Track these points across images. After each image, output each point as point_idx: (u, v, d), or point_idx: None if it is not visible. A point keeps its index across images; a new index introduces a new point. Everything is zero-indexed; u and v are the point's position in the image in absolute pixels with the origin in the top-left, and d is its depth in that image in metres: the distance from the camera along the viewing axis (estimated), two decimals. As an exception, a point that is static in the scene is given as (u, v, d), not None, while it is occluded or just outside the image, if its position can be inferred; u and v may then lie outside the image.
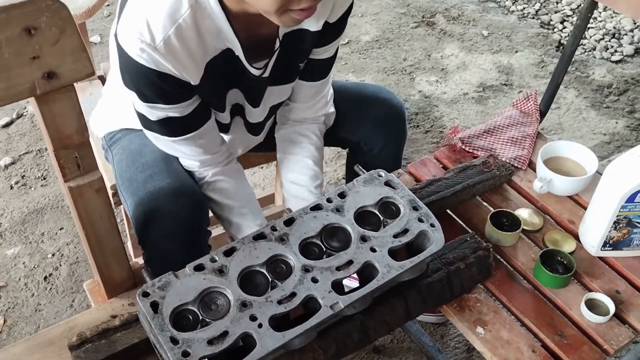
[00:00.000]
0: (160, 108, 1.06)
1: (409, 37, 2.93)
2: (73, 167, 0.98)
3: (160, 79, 1.00)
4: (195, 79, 1.05)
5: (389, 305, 1.04)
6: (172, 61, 0.99)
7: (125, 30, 0.98)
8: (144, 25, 0.95)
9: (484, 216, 1.25)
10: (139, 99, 1.05)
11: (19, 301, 1.79)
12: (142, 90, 1.03)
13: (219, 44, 1.04)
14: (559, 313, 1.11)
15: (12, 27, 0.81)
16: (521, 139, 1.45)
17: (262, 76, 1.13)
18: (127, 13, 0.99)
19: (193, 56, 1.01)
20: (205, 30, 1.00)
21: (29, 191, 2.13)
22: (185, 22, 0.97)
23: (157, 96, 1.04)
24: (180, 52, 0.99)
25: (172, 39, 0.97)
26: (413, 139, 2.36)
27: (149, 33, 0.96)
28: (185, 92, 1.06)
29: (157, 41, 0.96)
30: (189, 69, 1.02)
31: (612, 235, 1.16)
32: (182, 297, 0.91)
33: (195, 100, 1.10)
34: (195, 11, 0.98)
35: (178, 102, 1.06)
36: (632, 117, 2.48)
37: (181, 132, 1.12)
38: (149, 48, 0.96)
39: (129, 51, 0.98)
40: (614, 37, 2.93)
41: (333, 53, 1.25)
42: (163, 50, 0.97)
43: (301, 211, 1.05)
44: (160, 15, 0.96)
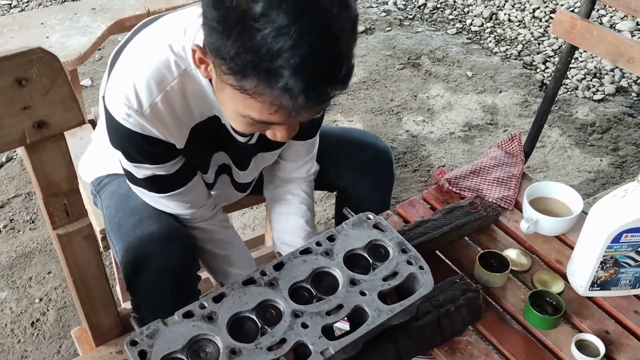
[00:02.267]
0: (146, 167, 1.07)
1: (396, 78, 2.98)
2: (62, 214, 0.98)
3: (146, 142, 1.01)
4: (180, 143, 1.06)
5: (380, 350, 1.04)
6: (158, 126, 1.00)
7: (113, 93, 0.99)
8: (131, 90, 0.97)
9: (472, 257, 1.26)
10: (126, 159, 1.06)
11: (4, 347, 1.76)
12: (128, 151, 1.04)
13: (206, 110, 1.06)
14: (550, 355, 1.10)
15: (4, 78, 0.82)
16: (507, 180, 1.47)
17: (248, 143, 1.14)
18: (115, 76, 1.00)
19: (179, 121, 1.03)
20: (192, 96, 1.02)
21: (17, 235, 2.11)
22: (173, 89, 0.99)
23: (143, 157, 1.05)
24: (166, 117, 1.00)
25: (159, 106, 0.98)
26: (401, 178, 2.38)
27: (136, 99, 0.97)
28: (170, 153, 1.07)
29: (144, 107, 0.97)
30: (174, 134, 1.04)
31: (599, 275, 1.17)
32: (171, 345, 0.90)
33: (180, 159, 1.11)
34: (183, 79, 0.99)
35: (164, 161, 1.07)
36: (616, 155, 2.53)
37: (168, 189, 1.13)
38: (135, 114, 0.97)
39: (115, 115, 0.99)
40: (596, 77, 3.00)
41: (321, 113, 1.24)
42: (149, 116, 0.98)
43: (290, 255, 1.06)
44: (148, 81, 0.97)
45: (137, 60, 0.99)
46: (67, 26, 1.81)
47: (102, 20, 1.84)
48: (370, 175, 1.37)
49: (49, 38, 1.76)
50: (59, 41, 1.75)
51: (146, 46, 1.01)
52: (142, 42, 1.02)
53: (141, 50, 1.00)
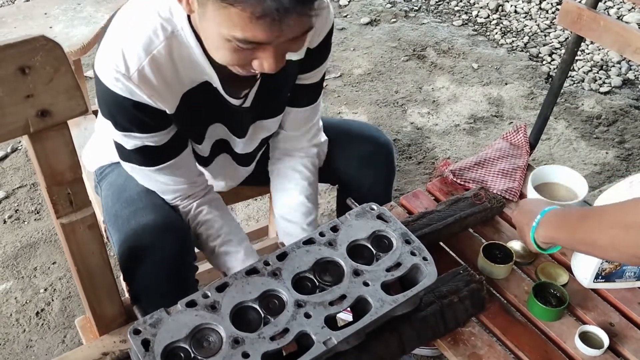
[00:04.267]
0: (135, 137, 1.06)
1: (401, 70, 2.97)
2: (65, 203, 0.98)
3: (135, 108, 1.01)
4: (171, 108, 1.05)
5: (383, 340, 1.04)
6: (147, 90, 1.00)
7: (102, 60, 1.00)
8: (119, 55, 0.98)
9: (476, 248, 1.25)
10: (115, 128, 1.06)
11: (10, 337, 1.77)
12: (118, 119, 1.04)
13: (196, 76, 1.05)
14: (554, 346, 1.10)
15: (7, 66, 0.82)
16: (512, 171, 1.46)
17: (242, 106, 1.13)
18: (104, 44, 1.01)
19: (168, 86, 1.03)
20: (180, 61, 1.02)
21: (22, 225, 2.12)
22: (160, 53, 0.99)
23: (132, 125, 1.04)
24: (154, 82, 1.00)
25: (146, 69, 0.99)
26: (406, 170, 2.38)
27: (124, 63, 0.98)
28: (160, 121, 1.06)
29: (132, 71, 0.98)
30: (164, 98, 1.03)
31: (604, 267, 1.17)
32: (174, 334, 0.90)
33: (172, 129, 1.10)
34: (170, 43, 0.99)
35: (153, 130, 1.07)
36: (622, 148, 2.51)
37: (158, 161, 1.12)
38: (123, 78, 0.98)
39: (105, 80, 0.99)
40: (602, 69, 2.98)
41: (319, 78, 1.24)
42: (137, 80, 0.98)
43: (294, 245, 1.06)
44: (135, 46, 0.98)
45: (125, 26, 1.00)
46: (71, 16, 1.81)
47: (105, 10, 1.83)
48: (372, 169, 1.36)
49: (53, 28, 1.76)
50: (63, 31, 1.75)
51: (134, 12, 1.01)
52: (130, 9, 1.02)
53: (129, 17, 1.01)
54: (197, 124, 1.14)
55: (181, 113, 1.07)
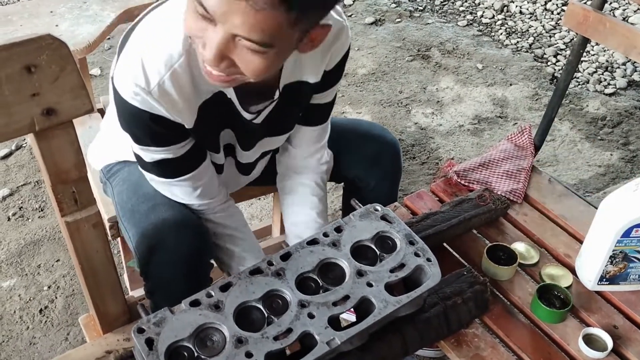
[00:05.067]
0: (153, 150, 1.06)
1: (405, 70, 2.96)
2: (70, 202, 0.98)
3: (153, 122, 1.01)
4: (189, 122, 1.05)
5: (386, 341, 1.04)
6: (166, 105, 0.99)
7: (121, 73, 0.99)
8: (139, 69, 0.97)
9: (480, 250, 1.25)
10: (134, 142, 1.06)
11: (13, 334, 1.77)
12: (136, 133, 1.04)
13: (211, 86, 1.05)
14: (557, 348, 1.10)
15: (13, 64, 0.82)
16: (516, 173, 1.46)
17: (254, 121, 1.13)
18: (124, 56, 1.00)
19: (187, 100, 1.02)
20: (199, 74, 1.01)
21: (26, 223, 2.12)
22: (181, 67, 0.98)
23: (149, 139, 1.04)
24: (174, 96, 0.99)
25: (167, 84, 0.98)
26: (409, 171, 2.37)
27: (144, 77, 0.97)
28: (178, 134, 1.06)
29: (152, 85, 0.97)
30: (183, 113, 1.03)
31: (608, 270, 1.16)
32: (178, 334, 0.90)
33: (189, 142, 1.10)
34: (189, 56, 0.98)
35: (170, 144, 1.07)
36: (627, 149, 2.50)
37: (176, 173, 1.12)
38: (143, 92, 0.97)
39: (124, 94, 0.99)
40: (607, 71, 2.97)
41: (332, 98, 1.24)
42: (157, 94, 0.98)
43: (298, 246, 1.06)
44: (156, 60, 0.97)
45: (146, 39, 0.99)
46: (77, 15, 1.81)
47: (111, 8, 1.83)
48: (378, 167, 1.37)
49: (58, 26, 1.76)
50: (68, 30, 1.75)
51: (154, 26, 1.01)
52: (150, 22, 1.02)
53: (149, 30, 1.01)
54: (211, 133, 1.14)
55: (199, 125, 1.07)
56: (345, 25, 1.11)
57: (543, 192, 1.44)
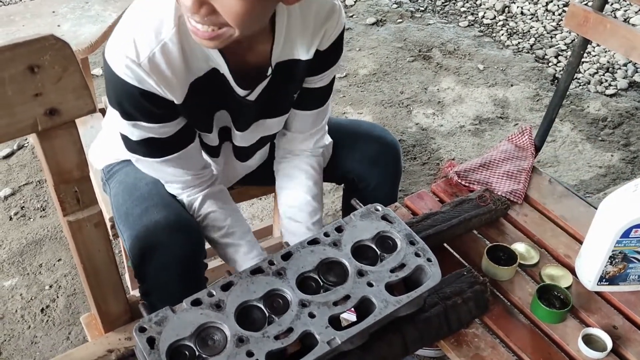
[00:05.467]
0: (142, 127, 1.06)
1: (406, 70, 2.97)
2: (72, 201, 0.99)
3: (143, 97, 1.01)
4: (179, 97, 1.05)
5: (387, 341, 1.04)
6: (156, 78, 1.00)
7: (113, 47, 1.00)
8: (130, 42, 0.98)
9: (480, 250, 1.26)
10: (122, 117, 1.06)
11: (15, 333, 1.78)
12: (125, 108, 1.04)
13: (204, 64, 1.06)
14: (557, 349, 1.11)
15: (16, 65, 0.83)
16: (517, 173, 1.46)
17: (247, 97, 1.13)
18: (116, 31, 1.01)
19: (177, 75, 1.03)
20: (190, 49, 1.02)
21: (28, 222, 2.13)
22: (172, 41, 0.99)
23: (139, 114, 1.04)
24: (164, 69, 1.00)
25: (157, 57, 0.99)
26: (410, 171, 2.38)
27: (135, 50, 0.98)
28: (168, 111, 1.07)
29: (142, 58, 0.98)
30: (173, 87, 1.03)
31: (608, 270, 1.17)
32: (179, 333, 0.91)
33: (179, 122, 1.10)
34: (181, 30, 0.99)
35: (160, 121, 1.07)
36: (627, 150, 2.51)
37: (163, 152, 1.12)
38: (133, 64, 0.98)
39: (115, 68, 1.00)
40: (608, 71, 2.97)
41: (328, 82, 1.24)
42: (147, 67, 0.98)
43: (298, 245, 1.06)
44: (147, 33, 0.98)
45: (137, 14, 1.01)
46: (79, 15, 1.82)
47: (113, 9, 1.84)
48: (378, 168, 1.37)
49: (61, 26, 1.77)
50: (71, 30, 1.76)
51: (147, 1, 1.02)
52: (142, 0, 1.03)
53: (142, 5, 1.02)
54: (204, 112, 1.14)
55: (189, 102, 1.07)
56: (336, 3, 1.11)
57: (543, 192, 1.45)
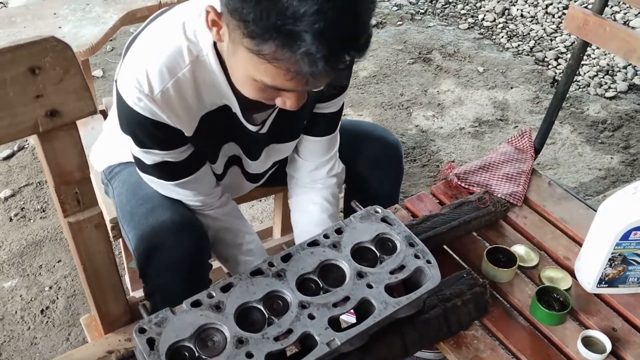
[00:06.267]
0: (155, 153, 1.07)
1: (406, 72, 2.97)
2: (73, 202, 0.99)
3: (155, 127, 1.02)
4: (189, 130, 1.06)
5: (386, 342, 1.04)
6: (168, 112, 1.00)
7: (125, 78, 1.00)
8: (143, 75, 0.97)
9: (480, 252, 1.26)
10: (135, 144, 1.07)
11: (14, 334, 1.78)
12: (138, 136, 1.05)
13: (216, 99, 1.06)
14: (556, 350, 1.11)
15: (17, 66, 0.83)
16: (516, 176, 1.47)
17: (259, 132, 1.14)
18: (128, 61, 1.01)
19: (189, 109, 1.03)
20: (203, 85, 1.02)
21: (28, 223, 2.13)
22: (185, 76, 0.99)
23: (152, 142, 1.05)
24: (176, 104, 1.00)
25: (170, 92, 0.99)
26: (410, 173, 2.38)
27: (148, 84, 0.97)
28: (179, 139, 1.07)
29: (155, 92, 0.98)
30: (183, 121, 1.04)
31: (607, 273, 1.17)
32: (179, 334, 0.91)
33: (190, 147, 1.11)
34: (195, 66, 0.99)
35: (173, 148, 1.08)
36: (627, 153, 2.51)
37: (176, 176, 1.13)
38: (146, 98, 0.98)
39: (127, 99, 1.00)
40: (608, 74, 2.97)
41: (339, 108, 1.24)
42: (160, 101, 0.99)
43: (298, 247, 1.06)
44: (161, 67, 0.97)
45: (151, 46, 1.00)
46: (80, 16, 1.82)
47: (114, 11, 1.84)
48: (380, 168, 1.37)
49: (62, 28, 1.77)
50: (71, 31, 1.76)
51: (160, 32, 1.02)
52: (156, 28, 1.03)
53: (155, 37, 1.01)
54: (212, 144, 1.15)
55: (199, 134, 1.08)
56: None
57: (543, 195, 1.45)
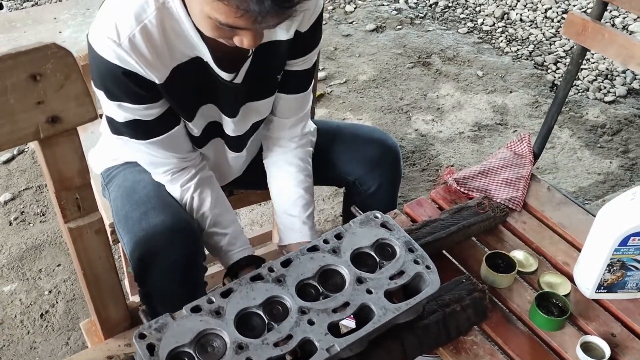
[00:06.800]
0: (126, 108, 1.08)
1: (406, 77, 2.98)
2: (73, 208, 0.99)
3: (125, 76, 1.04)
4: (160, 77, 1.07)
5: (386, 348, 1.05)
6: (137, 58, 1.02)
7: (95, 29, 1.03)
8: (112, 24, 1.01)
9: (479, 257, 1.26)
10: (107, 98, 1.08)
11: (14, 338, 1.78)
12: (109, 88, 1.06)
13: (187, 50, 1.08)
14: (555, 356, 1.11)
15: (19, 73, 0.84)
16: (515, 181, 1.47)
17: (233, 81, 1.14)
18: (99, 14, 1.04)
19: (159, 57, 1.05)
20: (171, 33, 1.04)
21: (28, 227, 2.13)
22: (151, 22, 1.02)
23: (123, 94, 1.06)
24: (145, 50, 1.03)
25: (137, 38, 1.01)
26: (410, 177, 2.38)
27: (116, 31, 1.01)
28: (151, 92, 1.08)
29: (122, 38, 1.00)
30: (154, 67, 1.05)
31: (606, 278, 1.17)
32: (179, 339, 0.91)
33: (163, 104, 1.11)
34: (162, 13, 1.02)
35: (144, 102, 1.08)
36: (626, 157, 2.51)
37: (149, 134, 1.14)
38: (114, 44, 1.01)
39: (97, 48, 1.02)
40: (607, 78, 2.98)
41: (310, 65, 1.26)
42: (128, 47, 1.01)
43: (298, 252, 1.07)
44: (128, 15, 1.01)
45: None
46: (80, 21, 1.83)
47: (114, 15, 1.84)
48: (379, 171, 1.38)
49: (62, 33, 1.77)
50: (72, 36, 1.76)
51: None
52: None
53: None
54: (187, 99, 1.15)
55: (171, 86, 1.09)
56: None
57: (542, 200, 1.45)
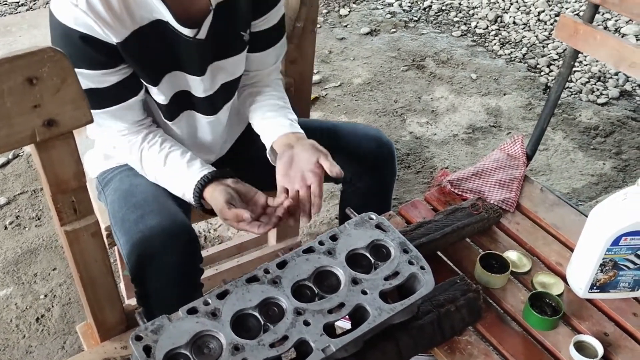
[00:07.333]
0: (83, 75, 1.07)
1: (400, 79, 2.99)
2: (70, 211, 1.00)
3: (82, 40, 1.05)
4: (119, 37, 1.08)
5: (381, 348, 1.05)
6: (94, 17, 1.04)
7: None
8: None
9: (473, 258, 1.27)
10: None
11: (9, 343, 1.78)
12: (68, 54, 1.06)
13: (146, 13, 1.09)
14: (549, 355, 1.12)
15: (15, 77, 0.84)
16: (509, 182, 1.48)
17: (196, 37, 1.14)
18: None
19: (118, 18, 1.06)
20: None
21: (23, 231, 2.13)
22: None
23: (80, 60, 1.07)
24: (102, 10, 1.04)
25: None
26: (404, 179, 2.39)
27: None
28: (108, 57, 1.09)
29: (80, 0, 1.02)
30: (113, 28, 1.06)
31: (598, 278, 1.18)
32: (175, 341, 0.92)
33: (121, 71, 1.12)
34: None
35: (101, 67, 1.09)
36: (619, 159, 2.53)
37: (101, 105, 1.14)
38: (72, 6, 1.02)
39: (56, 13, 1.04)
40: (600, 80, 3.00)
41: (276, 22, 1.27)
42: (85, 6, 1.03)
43: (294, 254, 1.07)
44: None
45: None
46: (75, 25, 1.83)
47: (109, 19, 1.85)
48: (374, 167, 1.38)
49: (57, 37, 1.78)
50: (67, 40, 1.77)
51: None
52: None
53: None
54: (150, 62, 1.15)
55: (132, 47, 1.10)
56: None
57: (535, 201, 1.46)
